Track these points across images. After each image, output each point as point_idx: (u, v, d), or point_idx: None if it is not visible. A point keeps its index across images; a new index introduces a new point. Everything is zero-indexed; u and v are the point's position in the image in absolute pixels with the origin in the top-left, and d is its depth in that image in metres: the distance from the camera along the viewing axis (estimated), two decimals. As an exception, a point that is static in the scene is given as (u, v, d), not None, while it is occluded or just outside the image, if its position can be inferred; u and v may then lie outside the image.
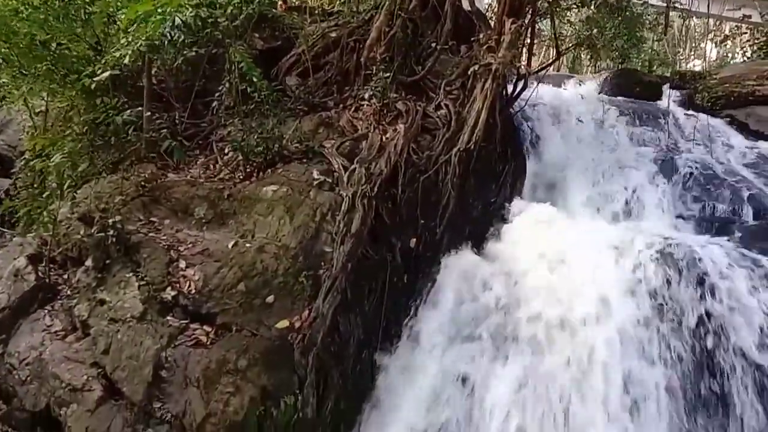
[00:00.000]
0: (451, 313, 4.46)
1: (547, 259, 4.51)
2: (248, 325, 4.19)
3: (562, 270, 4.38)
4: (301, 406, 3.95)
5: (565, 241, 4.66)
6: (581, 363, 3.96)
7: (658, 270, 4.32)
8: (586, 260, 4.39)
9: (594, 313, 4.04)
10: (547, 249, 4.60)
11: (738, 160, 6.60)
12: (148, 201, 5.14)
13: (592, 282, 4.21)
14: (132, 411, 3.96)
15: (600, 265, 4.38)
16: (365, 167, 4.96)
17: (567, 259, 4.46)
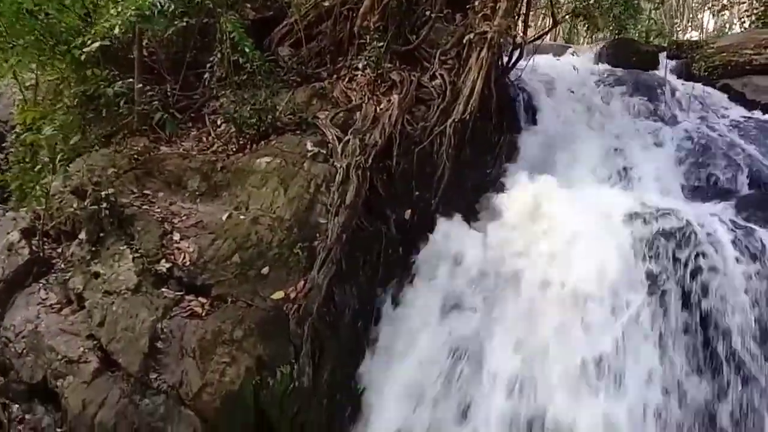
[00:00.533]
0: (445, 283, 4.46)
1: (543, 229, 4.51)
2: (243, 296, 4.19)
3: (557, 238, 4.38)
4: (297, 375, 3.98)
5: (561, 210, 4.64)
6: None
7: (653, 238, 4.35)
8: (580, 228, 4.39)
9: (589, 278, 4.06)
10: (543, 218, 4.59)
11: (734, 130, 6.56)
12: (141, 174, 5.10)
13: (585, 249, 4.21)
14: (128, 382, 3.97)
15: (595, 234, 4.38)
16: (359, 138, 4.93)
17: (562, 227, 4.44)
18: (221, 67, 5.63)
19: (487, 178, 5.62)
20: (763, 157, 6.15)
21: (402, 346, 4.34)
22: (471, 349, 4.16)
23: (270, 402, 3.93)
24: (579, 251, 4.24)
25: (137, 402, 3.91)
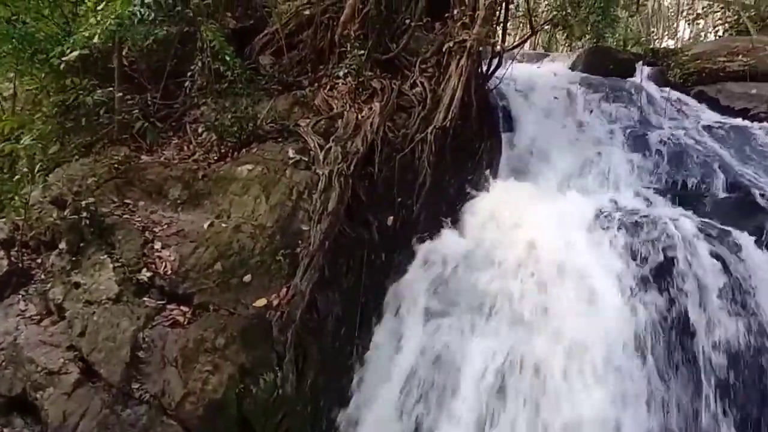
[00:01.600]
0: (429, 289, 4.50)
1: (522, 234, 4.57)
2: (226, 305, 4.17)
3: (535, 243, 4.44)
4: (280, 383, 3.97)
5: (539, 215, 4.72)
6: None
7: (629, 241, 4.43)
8: (558, 234, 4.46)
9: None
10: (521, 224, 4.66)
11: (709, 135, 6.70)
12: (121, 183, 5.06)
13: (564, 255, 4.27)
14: (110, 392, 3.92)
15: (572, 239, 4.46)
16: (341, 146, 4.95)
17: (540, 231, 4.52)
18: (202, 76, 5.62)
19: (468, 185, 5.67)
20: (737, 161, 6.29)
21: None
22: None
23: (254, 410, 3.91)
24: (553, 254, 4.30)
25: (119, 412, 3.86)
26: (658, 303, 4.19)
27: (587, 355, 3.86)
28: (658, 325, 4.12)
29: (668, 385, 3.97)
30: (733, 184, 5.81)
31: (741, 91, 7.50)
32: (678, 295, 4.23)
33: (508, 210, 5.02)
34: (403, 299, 4.51)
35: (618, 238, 4.59)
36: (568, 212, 4.87)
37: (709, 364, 4.03)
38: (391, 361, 4.25)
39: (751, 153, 6.45)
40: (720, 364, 4.03)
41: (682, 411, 3.94)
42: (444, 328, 4.39)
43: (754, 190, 5.65)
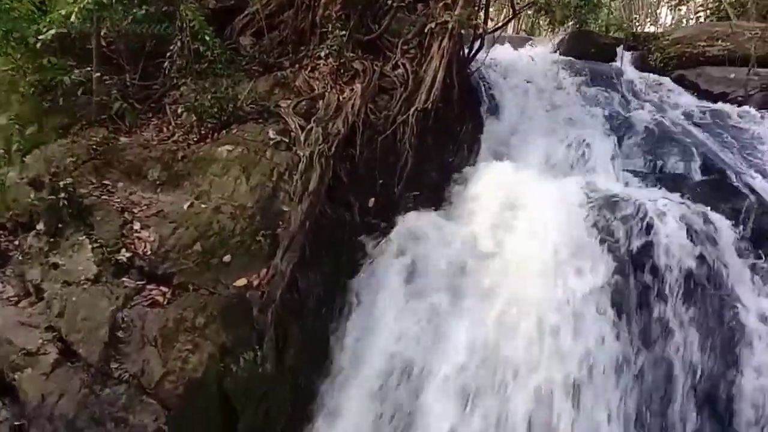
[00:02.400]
0: (408, 269, 4.52)
1: (502, 215, 4.61)
2: (205, 285, 4.18)
3: (516, 223, 4.48)
4: (261, 361, 3.98)
5: (520, 196, 4.76)
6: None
7: (608, 221, 4.49)
8: (539, 213, 4.50)
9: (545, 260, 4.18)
10: (503, 204, 4.70)
11: (688, 119, 6.77)
12: (100, 164, 5.03)
13: (543, 232, 4.32)
14: (89, 372, 3.91)
15: (553, 218, 4.50)
16: (322, 127, 4.94)
17: (521, 212, 4.56)
18: (181, 57, 5.56)
19: (450, 167, 5.69)
20: (714, 145, 6.37)
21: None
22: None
23: (234, 388, 3.92)
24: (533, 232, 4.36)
25: (98, 392, 3.85)
26: (635, 279, 4.25)
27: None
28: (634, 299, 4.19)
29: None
30: (710, 166, 5.90)
31: (720, 75, 7.58)
32: (654, 271, 4.33)
33: (489, 192, 5.04)
34: (382, 280, 4.51)
35: (596, 218, 4.63)
36: (548, 193, 4.90)
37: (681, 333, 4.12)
38: (370, 341, 4.26)
39: (729, 137, 6.54)
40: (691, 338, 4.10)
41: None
42: (422, 308, 4.40)
43: (730, 173, 5.74)
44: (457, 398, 3.97)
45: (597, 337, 4.14)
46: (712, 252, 4.68)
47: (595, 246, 4.44)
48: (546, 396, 3.90)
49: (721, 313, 4.53)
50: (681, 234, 4.65)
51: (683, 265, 4.53)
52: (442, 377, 4.04)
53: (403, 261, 4.55)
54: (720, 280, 4.64)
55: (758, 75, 7.30)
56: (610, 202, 4.82)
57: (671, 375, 4.28)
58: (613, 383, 4.12)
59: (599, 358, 4.07)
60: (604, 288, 4.28)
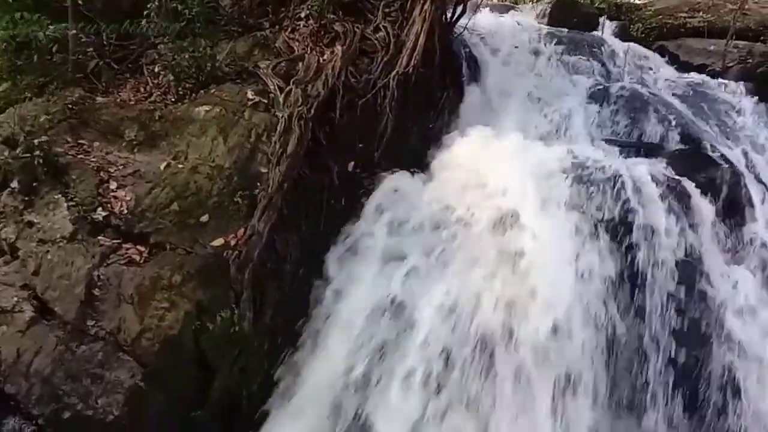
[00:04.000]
0: (386, 232, 4.55)
1: (479, 178, 4.64)
2: (182, 244, 4.19)
3: (493, 186, 4.53)
4: (237, 320, 4.02)
5: (498, 162, 4.79)
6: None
7: (585, 187, 4.55)
8: (515, 178, 4.55)
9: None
10: (480, 169, 4.73)
11: (667, 89, 6.81)
12: (75, 123, 4.97)
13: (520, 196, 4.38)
14: (65, 330, 3.93)
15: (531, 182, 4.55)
16: (302, 89, 4.91)
17: (498, 177, 4.60)
18: (159, 16, 5.47)
19: (431, 132, 5.69)
20: (692, 115, 6.44)
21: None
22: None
23: (210, 346, 3.97)
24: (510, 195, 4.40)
25: (74, 349, 3.88)
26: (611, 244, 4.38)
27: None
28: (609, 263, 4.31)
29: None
30: (687, 136, 5.96)
31: (700, 47, 7.60)
32: (629, 234, 4.43)
33: (469, 157, 5.06)
34: (360, 241, 4.54)
35: (573, 183, 4.68)
36: (526, 159, 4.93)
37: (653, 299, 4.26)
38: (347, 302, 4.31)
39: (706, 107, 6.60)
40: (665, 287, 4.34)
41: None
42: (400, 268, 4.44)
43: (706, 143, 5.80)
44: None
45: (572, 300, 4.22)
46: (684, 220, 4.77)
47: (572, 211, 4.50)
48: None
49: (692, 280, 4.63)
50: (655, 201, 4.73)
51: (657, 231, 4.61)
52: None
53: (381, 223, 4.58)
54: (692, 248, 4.73)
55: (737, 47, 7.34)
56: (588, 169, 4.87)
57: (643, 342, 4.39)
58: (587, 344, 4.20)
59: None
60: (579, 253, 4.36)
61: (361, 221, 4.70)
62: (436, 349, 3.99)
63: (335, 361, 4.09)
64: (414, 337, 4.07)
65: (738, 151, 5.97)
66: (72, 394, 3.82)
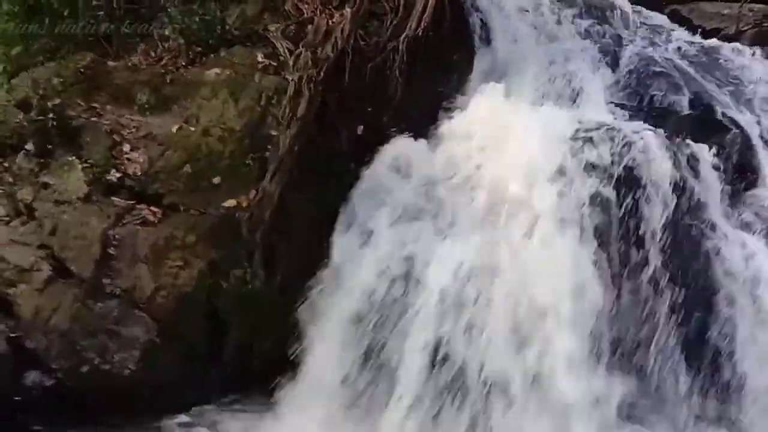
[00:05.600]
0: (395, 195, 4.59)
1: (489, 142, 4.66)
2: (195, 205, 4.27)
3: (503, 148, 4.56)
4: (250, 279, 4.13)
5: (508, 125, 4.80)
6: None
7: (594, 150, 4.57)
8: (525, 141, 4.57)
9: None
10: (490, 132, 4.74)
11: (679, 54, 6.74)
12: (88, 87, 5.02)
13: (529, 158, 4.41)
14: (81, 288, 4.05)
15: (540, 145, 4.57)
16: (311, 51, 4.90)
17: (508, 140, 4.63)
18: (169, -22, 5.47)
19: (440, 96, 5.68)
20: (704, 80, 6.38)
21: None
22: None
23: (223, 303, 4.09)
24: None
25: (91, 306, 4.01)
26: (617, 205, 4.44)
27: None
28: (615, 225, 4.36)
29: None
30: (697, 101, 5.93)
31: (713, 11, 7.50)
32: (637, 198, 4.47)
33: (479, 121, 5.06)
34: (369, 204, 4.59)
35: (582, 146, 4.69)
36: (536, 122, 4.93)
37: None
38: (357, 261, 4.38)
39: (718, 73, 6.52)
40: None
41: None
42: (409, 233, 4.49)
43: (717, 108, 5.79)
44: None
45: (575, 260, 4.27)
46: (693, 183, 4.78)
47: (580, 172, 4.52)
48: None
49: (699, 243, 4.67)
50: (664, 165, 4.72)
51: (665, 195, 4.63)
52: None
53: (390, 186, 4.62)
54: (700, 211, 4.76)
55: (752, 11, 7.24)
56: (597, 132, 4.87)
57: (649, 303, 4.45)
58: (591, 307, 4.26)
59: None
60: (584, 212, 4.39)
61: (369, 184, 4.74)
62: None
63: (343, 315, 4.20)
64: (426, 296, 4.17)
65: (750, 116, 5.94)
66: (89, 349, 3.96)
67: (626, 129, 4.95)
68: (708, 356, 4.50)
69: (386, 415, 4.03)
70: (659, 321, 4.43)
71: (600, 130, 4.85)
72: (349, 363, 4.17)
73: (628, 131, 4.90)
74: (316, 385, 4.24)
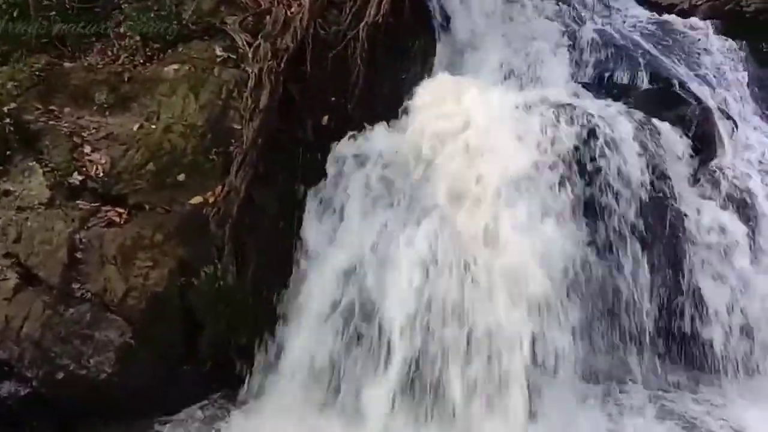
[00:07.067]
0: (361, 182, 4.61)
1: (449, 123, 4.71)
2: (161, 203, 4.23)
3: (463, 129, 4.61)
4: (221, 275, 4.11)
5: (470, 106, 4.85)
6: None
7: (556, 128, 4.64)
8: (486, 120, 4.63)
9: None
10: (451, 113, 4.80)
11: (636, 30, 6.84)
12: (44, 90, 4.91)
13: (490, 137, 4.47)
14: (51, 294, 4.00)
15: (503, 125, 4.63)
16: (270, 43, 4.88)
17: (469, 120, 4.69)
18: (122, -24, 5.37)
19: (403, 82, 5.69)
20: (662, 55, 6.50)
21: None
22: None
23: (196, 301, 4.06)
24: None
25: (62, 312, 3.96)
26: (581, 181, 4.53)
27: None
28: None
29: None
30: (657, 76, 6.02)
31: (668, -14, 7.61)
32: (599, 170, 4.60)
33: (440, 103, 5.10)
34: (336, 193, 4.60)
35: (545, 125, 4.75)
36: (498, 103, 4.99)
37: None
38: (327, 254, 4.40)
39: (676, 47, 6.66)
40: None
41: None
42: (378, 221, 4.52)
43: (675, 82, 5.90)
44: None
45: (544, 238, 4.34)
46: (656, 157, 4.90)
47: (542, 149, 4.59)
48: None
49: (663, 215, 4.78)
50: (626, 139, 4.83)
51: (627, 167, 4.72)
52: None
53: (356, 174, 4.64)
54: (662, 183, 4.87)
55: (705, -15, 7.36)
56: (559, 111, 4.94)
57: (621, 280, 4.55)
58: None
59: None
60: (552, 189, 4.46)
61: (335, 174, 4.75)
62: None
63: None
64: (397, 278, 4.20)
65: (706, 88, 6.07)
66: (64, 355, 3.92)
67: (587, 106, 5.06)
68: (677, 324, 4.65)
69: (365, 404, 4.05)
70: (629, 290, 4.54)
71: (561, 109, 4.95)
72: (326, 353, 4.19)
73: (588, 107, 5.02)
74: (293, 378, 4.25)
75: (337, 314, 4.20)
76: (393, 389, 3.97)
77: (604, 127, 4.84)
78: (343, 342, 4.17)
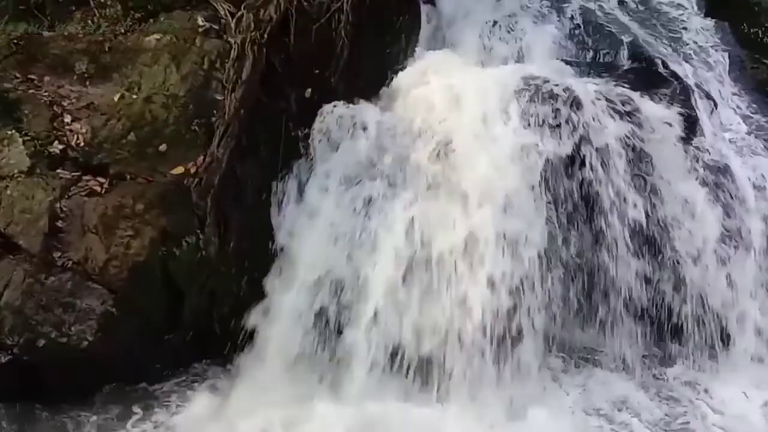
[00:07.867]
0: (343, 157, 4.63)
1: (433, 99, 4.74)
2: (142, 173, 4.23)
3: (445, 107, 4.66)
4: (203, 245, 4.13)
5: (452, 83, 4.88)
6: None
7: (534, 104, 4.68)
8: (469, 97, 4.66)
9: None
10: (434, 90, 4.82)
11: (619, 8, 6.85)
12: (23, 59, 4.84)
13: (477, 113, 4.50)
14: (31, 263, 3.99)
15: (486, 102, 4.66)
16: (253, 13, 4.83)
17: (451, 97, 4.72)
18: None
19: (388, 57, 5.68)
20: (644, 33, 6.54)
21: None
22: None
23: (178, 271, 4.08)
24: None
25: (43, 281, 3.96)
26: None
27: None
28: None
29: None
30: (639, 54, 6.08)
31: (651, -37, 7.61)
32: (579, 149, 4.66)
33: (424, 80, 5.13)
34: (319, 166, 4.62)
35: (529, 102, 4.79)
36: (483, 80, 5.02)
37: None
38: (311, 224, 4.42)
39: (658, 25, 6.70)
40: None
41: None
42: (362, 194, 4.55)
43: (657, 60, 5.95)
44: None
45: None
46: (637, 133, 4.95)
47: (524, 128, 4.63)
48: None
49: (643, 194, 4.85)
50: (606, 117, 4.89)
51: (608, 146, 4.78)
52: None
53: (342, 146, 4.65)
54: (642, 162, 4.94)
55: (689, -37, 7.38)
56: (540, 87, 4.97)
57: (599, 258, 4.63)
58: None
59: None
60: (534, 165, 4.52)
61: (318, 146, 4.75)
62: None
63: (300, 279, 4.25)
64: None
65: (687, 67, 6.13)
66: (45, 323, 3.93)
67: (568, 83, 5.09)
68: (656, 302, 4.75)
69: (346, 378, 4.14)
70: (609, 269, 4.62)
71: (542, 85, 4.99)
72: (309, 327, 4.24)
73: (569, 85, 5.05)
74: (276, 349, 4.29)
75: (321, 284, 4.26)
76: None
77: (584, 105, 4.89)
78: (323, 317, 4.24)
